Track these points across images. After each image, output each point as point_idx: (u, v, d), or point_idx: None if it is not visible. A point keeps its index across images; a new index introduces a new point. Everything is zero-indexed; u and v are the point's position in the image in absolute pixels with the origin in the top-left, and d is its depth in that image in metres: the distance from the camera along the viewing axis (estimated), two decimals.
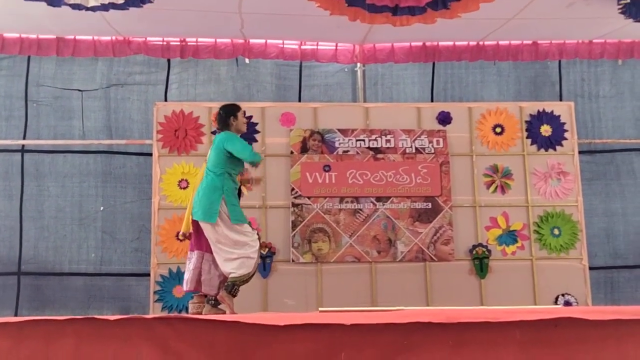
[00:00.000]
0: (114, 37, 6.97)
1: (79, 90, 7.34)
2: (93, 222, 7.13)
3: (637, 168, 7.62)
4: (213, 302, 5.10)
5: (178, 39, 7.07)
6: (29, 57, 7.22)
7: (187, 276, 5.16)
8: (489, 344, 2.64)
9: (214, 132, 5.35)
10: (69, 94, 7.33)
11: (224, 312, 4.99)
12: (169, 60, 7.37)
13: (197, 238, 5.18)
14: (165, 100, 7.30)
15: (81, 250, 7.08)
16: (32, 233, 7.06)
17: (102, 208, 7.16)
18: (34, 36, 6.89)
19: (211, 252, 5.10)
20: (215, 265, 5.10)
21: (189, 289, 5.15)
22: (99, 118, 7.32)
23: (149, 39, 7.05)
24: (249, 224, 5.25)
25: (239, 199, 5.32)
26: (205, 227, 5.07)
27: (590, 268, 6.96)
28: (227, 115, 5.34)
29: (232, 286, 5.03)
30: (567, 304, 6.68)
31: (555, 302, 6.72)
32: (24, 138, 7.18)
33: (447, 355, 2.62)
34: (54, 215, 7.11)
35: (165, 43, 7.07)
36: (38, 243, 7.05)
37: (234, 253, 5.02)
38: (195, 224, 5.17)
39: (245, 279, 5.08)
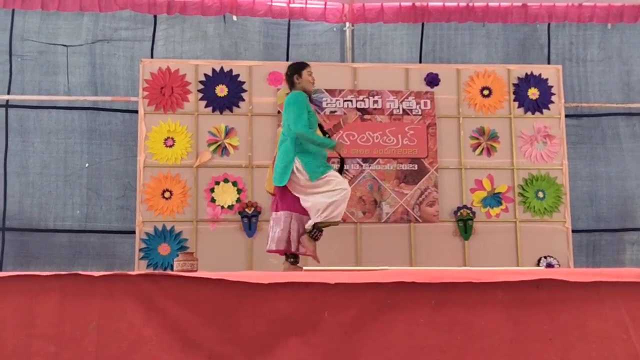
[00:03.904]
0: None
1: (64, 45, 7.25)
2: (78, 178, 7.11)
3: (622, 132, 7.66)
4: (292, 259, 5.20)
5: None
6: (13, 11, 7.11)
7: (275, 236, 5.17)
8: (471, 303, 2.67)
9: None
10: (54, 48, 7.25)
11: (301, 269, 5.13)
12: (155, 17, 7.28)
13: (284, 198, 5.20)
14: (152, 57, 7.24)
15: (66, 207, 7.07)
16: (16, 189, 7.03)
17: (87, 165, 7.13)
18: None
19: (299, 212, 5.14)
20: (302, 225, 5.15)
21: (277, 249, 5.18)
22: (84, 74, 7.25)
23: None
24: (330, 168, 5.25)
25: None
26: (291, 188, 5.12)
27: (573, 231, 7.03)
28: (292, 73, 5.35)
29: (314, 230, 5.08)
30: (549, 266, 6.76)
31: (538, 264, 6.79)
32: (8, 93, 7.10)
33: (430, 314, 2.65)
34: (38, 172, 7.07)
35: None
36: (23, 199, 7.03)
37: (319, 202, 5.03)
38: (279, 187, 5.20)
39: (328, 224, 5.11)
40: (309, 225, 5.09)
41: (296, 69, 5.36)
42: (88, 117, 7.20)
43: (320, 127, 5.47)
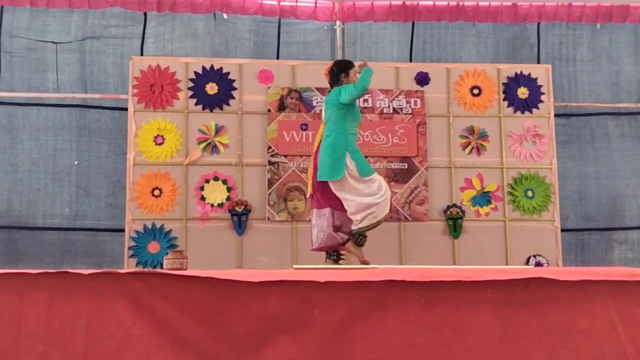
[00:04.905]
0: None
1: (54, 42, 7.21)
2: (67, 176, 7.07)
3: (611, 132, 7.69)
4: (335, 256, 5.32)
5: None
6: (1, 7, 7.06)
7: (318, 235, 5.31)
8: (460, 302, 2.68)
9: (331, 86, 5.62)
10: (43, 45, 7.20)
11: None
12: (145, 14, 7.24)
13: (326, 196, 5.28)
14: (141, 54, 7.20)
15: (55, 205, 7.03)
16: (5, 186, 6.98)
17: (76, 162, 7.09)
18: None
19: (340, 209, 5.24)
20: (344, 222, 5.26)
21: (320, 247, 5.33)
22: (73, 71, 7.21)
23: None
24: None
25: None
26: (334, 186, 5.19)
27: (562, 230, 7.05)
28: (339, 71, 5.47)
29: (357, 236, 5.22)
30: (538, 264, 6.78)
31: (527, 263, 6.81)
32: None
33: (420, 312, 2.66)
34: (27, 169, 7.03)
35: None
36: (11, 196, 6.98)
37: (362, 204, 5.14)
38: (322, 184, 5.29)
39: (372, 227, 5.25)
40: (353, 230, 5.22)
41: (344, 68, 5.50)
42: (77, 115, 7.16)
43: None
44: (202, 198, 6.65)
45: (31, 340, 2.69)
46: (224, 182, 6.69)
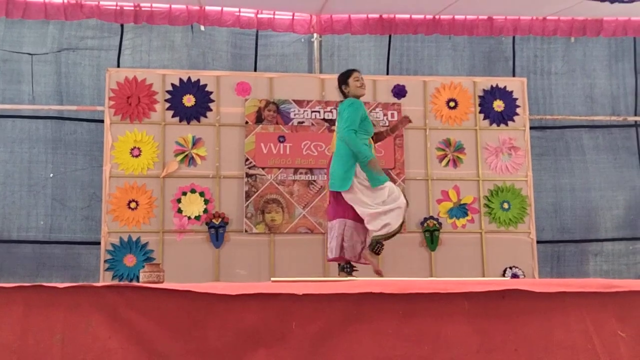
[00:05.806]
0: (66, 0, 6.80)
1: (29, 53, 7.17)
2: (42, 189, 7.01)
3: (586, 144, 7.78)
4: (348, 269, 5.32)
5: (132, 4, 6.92)
6: None
7: (332, 244, 5.33)
8: (438, 314, 2.68)
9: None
10: (18, 57, 7.16)
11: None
12: (122, 26, 7.23)
13: (337, 206, 5.33)
14: (118, 66, 7.18)
15: (30, 218, 6.97)
16: None
17: (51, 175, 7.04)
18: None
19: (352, 219, 5.27)
20: (357, 232, 5.28)
21: (334, 257, 5.35)
22: (49, 83, 7.17)
23: (102, 2, 6.89)
24: (388, 178, 5.41)
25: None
26: (345, 195, 5.23)
27: (538, 242, 7.11)
28: (340, 84, 5.57)
29: (375, 244, 5.23)
30: (515, 276, 6.82)
31: (503, 275, 6.85)
32: None
33: (397, 324, 2.65)
34: (2, 182, 6.96)
35: (118, 7, 6.91)
36: None
37: (377, 212, 5.17)
38: (334, 193, 5.35)
39: (389, 237, 5.25)
40: (370, 239, 5.26)
41: (343, 80, 5.58)
42: (53, 127, 7.11)
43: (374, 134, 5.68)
44: (179, 210, 6.62)
45: (5, 354, 2.66)
46: (201, 194, 6.66)
